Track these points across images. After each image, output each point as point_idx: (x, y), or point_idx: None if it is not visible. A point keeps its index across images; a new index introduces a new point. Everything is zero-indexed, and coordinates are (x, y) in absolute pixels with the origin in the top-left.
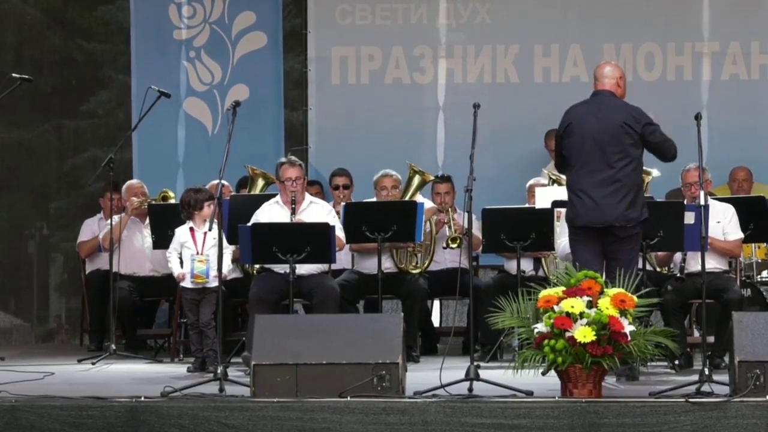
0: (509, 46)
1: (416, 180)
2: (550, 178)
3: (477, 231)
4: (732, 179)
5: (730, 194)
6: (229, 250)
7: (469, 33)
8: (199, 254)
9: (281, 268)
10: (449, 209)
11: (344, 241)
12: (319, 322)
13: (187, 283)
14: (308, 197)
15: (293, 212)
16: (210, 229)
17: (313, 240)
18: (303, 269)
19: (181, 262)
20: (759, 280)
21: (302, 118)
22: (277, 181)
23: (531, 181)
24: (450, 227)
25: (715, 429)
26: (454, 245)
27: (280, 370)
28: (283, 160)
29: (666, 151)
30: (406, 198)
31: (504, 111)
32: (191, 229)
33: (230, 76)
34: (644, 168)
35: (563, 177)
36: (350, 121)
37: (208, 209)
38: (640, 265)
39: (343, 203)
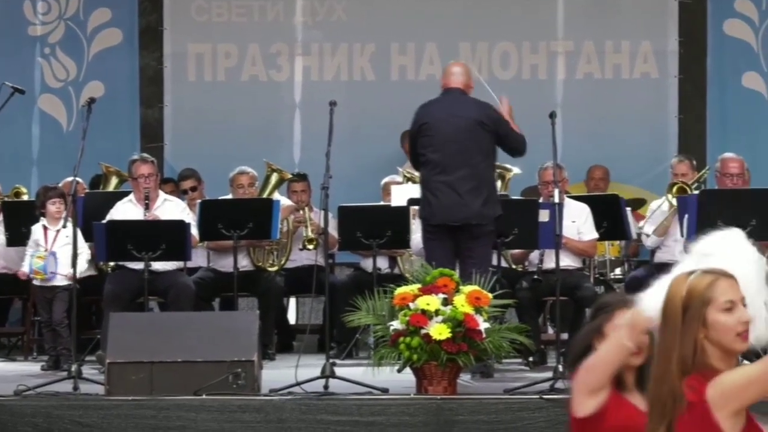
0: (366, 44)
1: (274, 178)
2: (405, 176)
3: (333, 229)
4: (589, 178)
5: (587, 192)
6: (86, 248)
7: (326, 31)
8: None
9: (136, 266)
10: (306, 207)
11: (198, 239)
12: (174, 320)
13: (36, 281)
14: (162, 194)
15: (147, 208)
16: (64, 227)
17: (168, 237)
18: (158, 266)
19: None
20: (612, 277)
21: (158, 115)
22: (130, 178)
23: (386, 179)
24: (307, 227)
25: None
26: (311, 246)
27: (135, 368)
28: (135, 157)
29: (517, 145)
30: (265, 196)
31: (360, 109)
32: (44, 227)
33: (85, 73)
34: (504, 165)
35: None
36: (207, 119)
37: (52, 206)
38: (495, 262)
39: (198, 201)
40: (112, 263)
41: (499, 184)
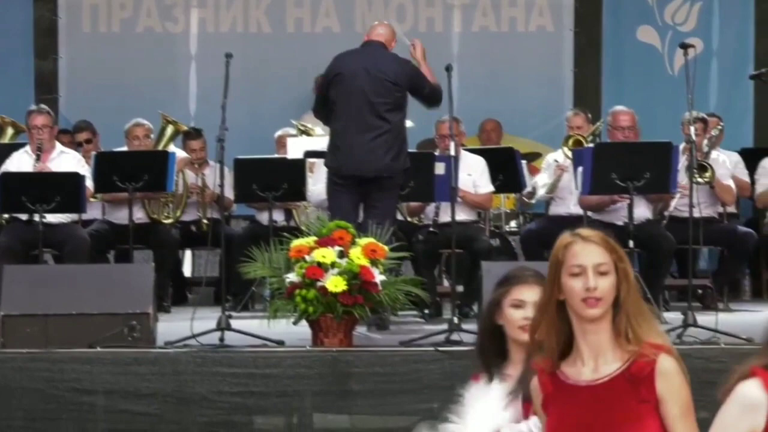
0: None
1: (169, 130)
2: (299, 129)
3: (229, 186)
4: (481, 130)
5: (480, 145)
6: None
7: None
8: None
9: (30, 218)
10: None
11: (93, 191)
12: (68, 273)
13: None
14: (58, 146)
15: (38, 159)
16: None
17: (62, 190)
18: (52, 219)
19: None
20: (507, 230)
21: (52, 66)
22: (27, 129)
23: (279, 132)
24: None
25: (463, 377)
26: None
27: (29, 320)
28: (32, 108)
29: (434, 99)
30: (160, 148)
31: (257, 61)
32: None
33: None
34: None
35: (313, 129)
36: (102, 70)
37: None
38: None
39: (93, 153)
40: (6, 215)
41: None
